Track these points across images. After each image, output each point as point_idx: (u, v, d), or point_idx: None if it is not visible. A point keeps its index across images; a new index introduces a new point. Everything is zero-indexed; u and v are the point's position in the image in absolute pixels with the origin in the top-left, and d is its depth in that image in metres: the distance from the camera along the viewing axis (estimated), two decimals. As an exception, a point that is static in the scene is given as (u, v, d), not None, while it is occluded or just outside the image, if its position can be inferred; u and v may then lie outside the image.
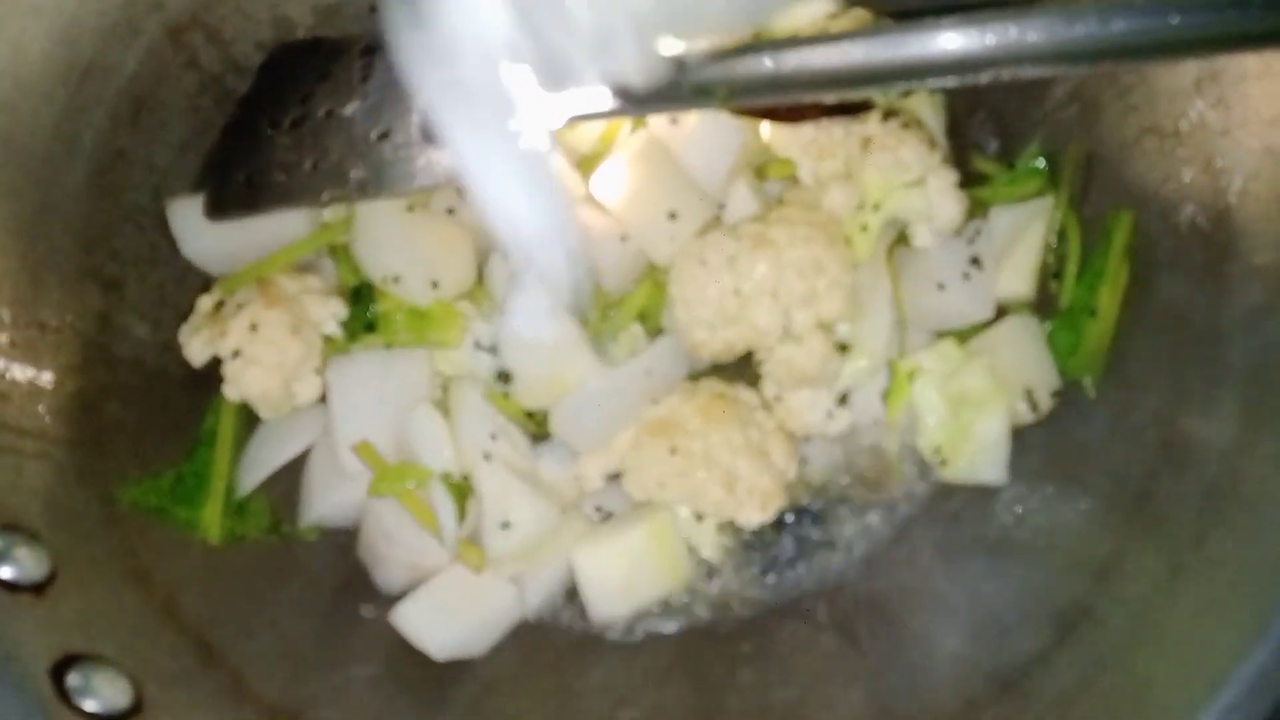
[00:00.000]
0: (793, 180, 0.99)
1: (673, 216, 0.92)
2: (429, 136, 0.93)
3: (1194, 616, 0.74)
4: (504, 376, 0.96)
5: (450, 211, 0.97)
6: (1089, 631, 0.81)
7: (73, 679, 0.73)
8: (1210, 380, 0.82)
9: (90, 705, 0.73)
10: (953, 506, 0.98)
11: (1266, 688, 0.63)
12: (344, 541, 1.00)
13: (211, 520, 0.93)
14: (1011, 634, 0.86)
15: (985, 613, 0.90)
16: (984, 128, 1.06)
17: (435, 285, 0.95)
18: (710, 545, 1.00)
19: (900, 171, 0.91)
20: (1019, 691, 0.83)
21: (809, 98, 0.89)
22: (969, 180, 1.05)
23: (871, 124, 0.92)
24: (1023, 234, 0.97)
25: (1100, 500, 0.87)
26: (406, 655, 0.92)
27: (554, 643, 0.99)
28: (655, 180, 0.92)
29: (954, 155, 1.03)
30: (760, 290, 0.90)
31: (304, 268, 1.03)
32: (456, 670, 0.93)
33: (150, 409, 0.96)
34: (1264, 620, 0.66)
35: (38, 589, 0.76)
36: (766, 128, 1.00)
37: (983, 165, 1.05)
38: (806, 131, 0.97)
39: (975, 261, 0.96)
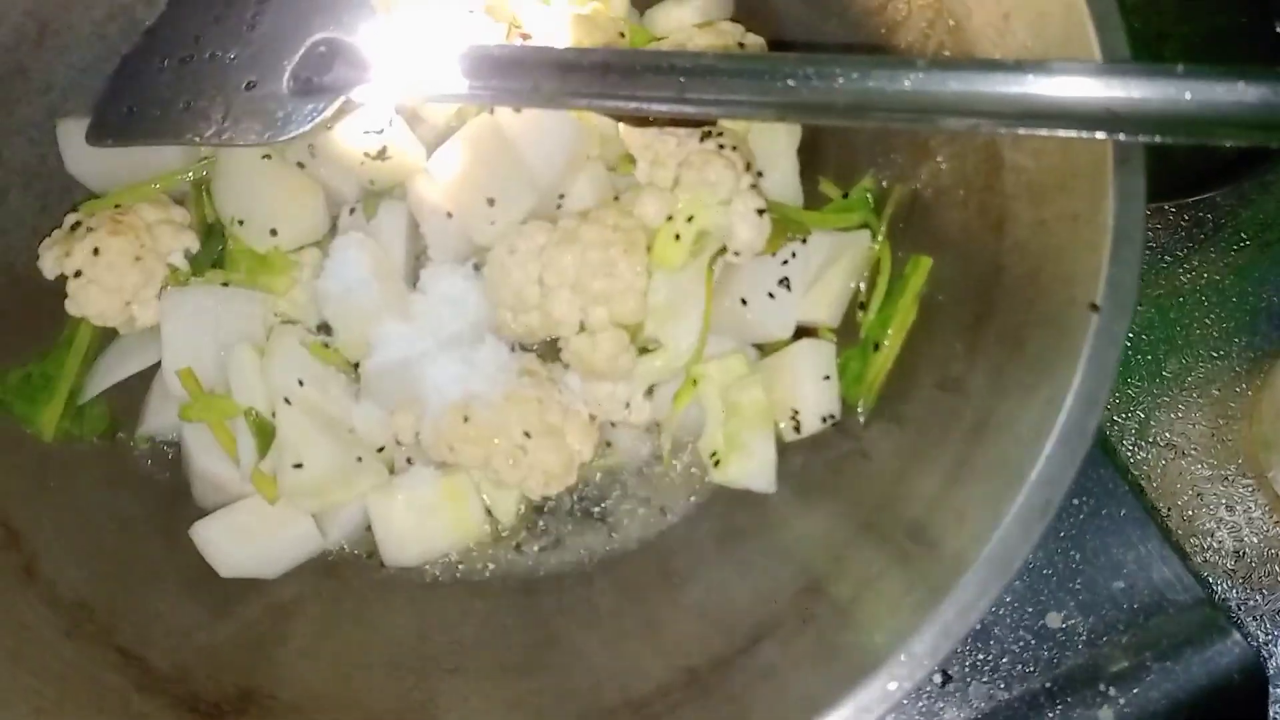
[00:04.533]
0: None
1: (490, 203, 0.97)
2: (297, 90, 0.99)
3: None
4: (324, 328, 1.03)
5: (300, 165, 1.03)
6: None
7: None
8: (942, 428, 0.87)
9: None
10: (724, 504, 1.04)
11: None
12: (175, 457, 1.08)
13: (49, 420, 1.00)
14: (745, 613, 0.92)
15: (731, 593, 0.96)
16: (832, 153, 1.09)
17: (274, 234, 1.01)
18: (505, 509, 1.07)
19: (709, 190, 0.95)
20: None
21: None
22: (814, 201, 1.09)
23: (692, 141, 0.96)
24: (835, 263, 1.01)
25: (839, 516, 0.93)
26: (204, 569, 1.00)
27: (352, 577, 1.07)
28: (481, 165, 0.97)
29: (804, 174, 1.08)
30: (561, 283, 0.95)
31: (179, 199, 1.10)
32: (247, 588, 1.01)
33: (13, 310, 1.03)
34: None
35: None
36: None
37: (827, 189, 1.09)
38: (649, 134, 1.01)
39: (784, 282, 1.01)
